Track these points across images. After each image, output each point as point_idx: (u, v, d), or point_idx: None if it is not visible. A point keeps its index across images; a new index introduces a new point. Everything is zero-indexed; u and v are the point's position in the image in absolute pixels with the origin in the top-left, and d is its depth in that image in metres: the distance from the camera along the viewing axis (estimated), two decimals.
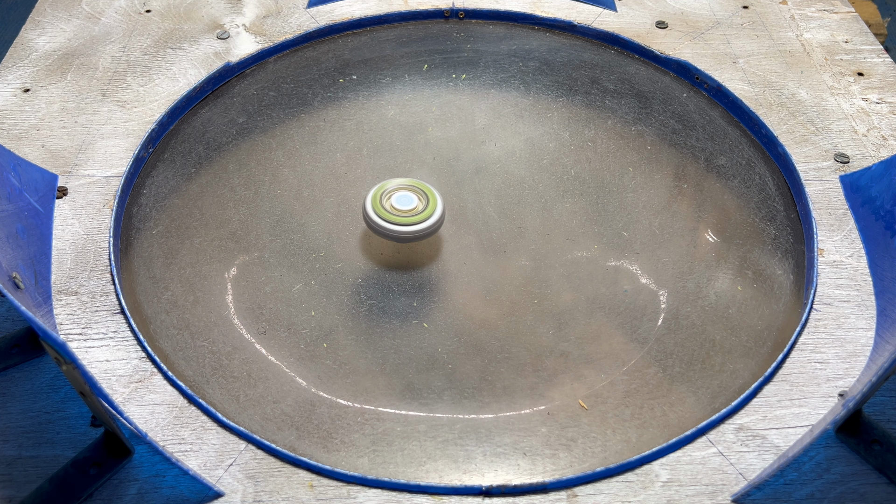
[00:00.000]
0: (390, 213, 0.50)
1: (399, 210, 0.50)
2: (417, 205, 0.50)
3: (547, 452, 0.43)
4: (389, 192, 0.51)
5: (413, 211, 0.50)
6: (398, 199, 0.50)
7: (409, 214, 0.49)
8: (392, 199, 0.50)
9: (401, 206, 0.50)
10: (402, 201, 0.50)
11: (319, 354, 0.48)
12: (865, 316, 0.49)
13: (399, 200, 0.50)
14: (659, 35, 0.70)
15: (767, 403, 0.44)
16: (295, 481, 0.41)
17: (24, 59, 0.66)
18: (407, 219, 0.49)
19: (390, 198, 0.50)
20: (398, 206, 0.50)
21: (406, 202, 0.50)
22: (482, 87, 0.67)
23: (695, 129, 0.63)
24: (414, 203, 0.50)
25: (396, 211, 0.50)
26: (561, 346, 0.49)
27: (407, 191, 0.51)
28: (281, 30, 0.70)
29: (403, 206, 0.50)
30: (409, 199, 0.50)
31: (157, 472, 0.40)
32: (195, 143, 0.61)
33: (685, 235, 0.56)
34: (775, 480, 0.40)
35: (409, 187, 0.51)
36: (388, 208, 0.50)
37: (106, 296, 0.49)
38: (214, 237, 0.55)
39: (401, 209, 0.50)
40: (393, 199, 0.50)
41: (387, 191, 0.51)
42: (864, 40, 0.70)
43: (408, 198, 0.50)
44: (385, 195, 0.50)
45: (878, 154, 0.59)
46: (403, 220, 0.50)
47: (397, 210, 0.50)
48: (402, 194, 0.51)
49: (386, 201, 0.50)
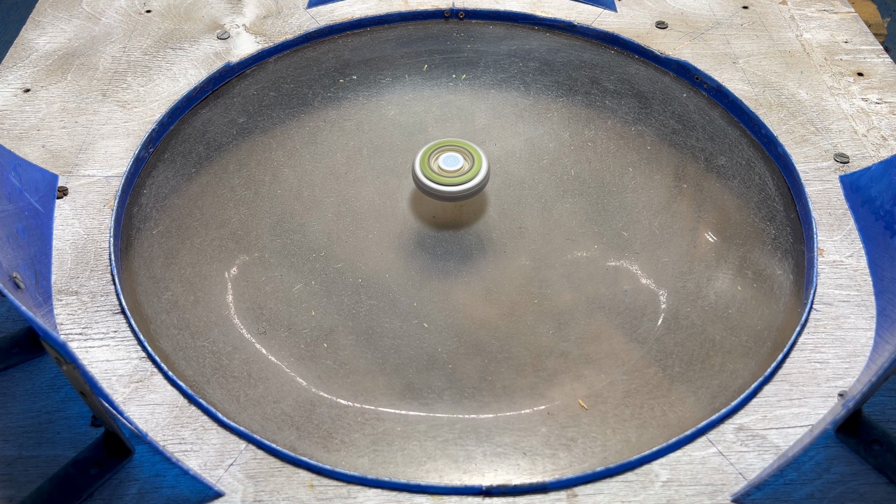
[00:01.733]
0: (437, 174, 0.53)
1: (446, 171, 0.53)
2: (463, 164, 0.54)
3: (547, 452, 0.43)
4: (437, 153, 0.55)
5: (459, 171, 0.53)
6: (445, 160, 0.54)
7: (456, 175, 0.53)
8: (439, 160, 0.54)
9: (447, 167, 0.53)
10: (449, 162, 0.54)
11: (319, 354, 0.48)
12: (865, 316, 0.49)
13: (446, 161, 0.54)
14: (659, 35, 0.70)
15: (767, 403, 0.44)
16: (295, 481, 0.41)
17: (24, 59, 0.66)
18: (453, 179, 0.53)
19: (437, 159, 0.54)
20: (445, 166, 0.53)
21: (452, 163, 0.54)
22: (482, 88, 0.67)
23: (695, 129, 0.63)
24: (460, 163, 0.54)
25: (444, 172, 0.53)
26: (561, 346, 0.49)
27: (453, 151, 0.55)
28: (281, 30, 0.70)
29: (450, 167, 0.53)
30: (455, 159, 0.54)
31: (158, 472, 0.40)
32: (195, 143, 0.61)
33: (685, 235, 0.56)
34: (775, 480, 0.40)
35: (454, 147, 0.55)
36: (435, 169, 0.53)
37: (106, 296, 0.49)
38: (215, 237, 0.55)
39: (448, 170, 0.53)
40: (440, 160, 0.54)
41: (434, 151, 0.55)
42: (863, 40, 0.70)
43: (454, 158, 0.54)
44: (433, 156, 0.54)
45: (878, 154, 0.59)
46: (450, 180, 0.53)
47: (444, 171, 0.53)
48: (449, 155, 0.54)
49: (434, 162, 0.54)
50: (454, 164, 0.53)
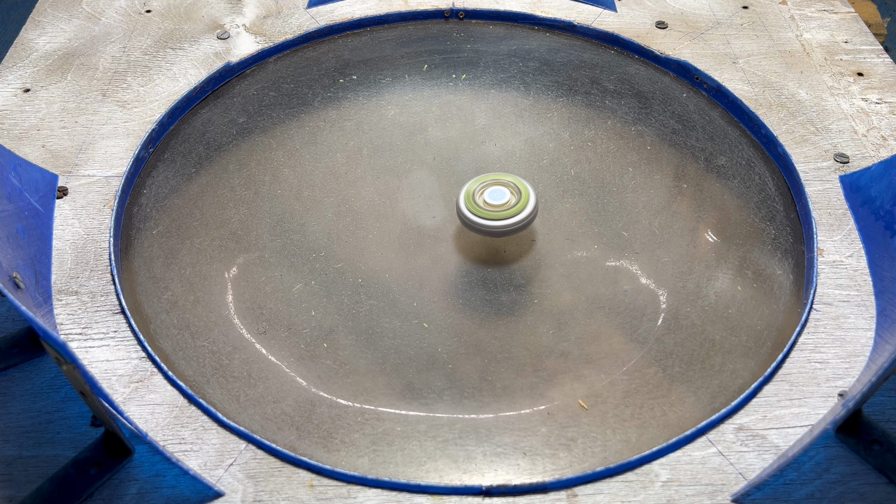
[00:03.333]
0: (483, 208, 0.51)
1: (492, 205, 0.51)
2: (510, 198, 0.51)
3: (547, 452, 0.43)
4: (481, 189, 0.52)
5: (506, 205, 0.51)
6: (490, 195, 0.51)
7: (503, 209, 0.51)
8: (484, 194, 0.51)
9: (493, 201, 0.51)
10: (495, 196, 0.51)
11: (319, 354, 0.48)
12: (865, 316, 0.49)
13: (491, 196, 0.51)
14: (659, 35, 0.70)
15: (767, 403, 0.44)
16: (295, 481, 0.41)
17: (24, 59, 0.66)
18: (501, 213, 0.51)
19: (482, 193, 0.52)
20: (491, 200, 0.51)
21: (498, 197, 0.51)
22: (482, 87, 0.67)
23: (695, 129, 0.63)
24: (506, 197, 0.51)
25: (489, 206, 0.51)
26: (561, 346, 0.49)
27: (498, 185, 0.52)
28: (281, 30, 0.70)
29: (496, 201, 0.51)
30: (500, 193, 0.52)
31: (158, 472, 0.40)
32: (195, 143, 0.61)
33: (685, 235, 0.56)
34: (775, 480, 0.40)
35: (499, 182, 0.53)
36: (480, 204, 0.51)
37: (106, 296, 0.49)
38: (214, 237, 0.55)
39: (494, 204, 0.51)
40: (486, 195, 0.51)
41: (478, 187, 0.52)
42: (863, 40, 0.70)
43: (500, 192, 0.52)
44: (477, 191, 0.52)
45: (878, 154, 0.59)
46: (497, 214, 0.51)
47: (490, 205, 0.51)
48: (494, 189, 0.52)
49: (479, 197, 0.51)
50: (500, 199, 0.51)
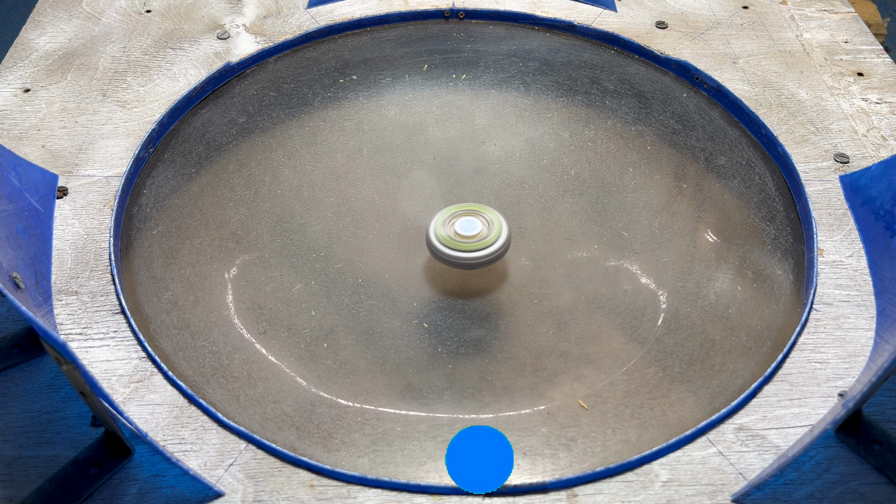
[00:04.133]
0: (454, 239, 0.49)
1: (463, 237, 0.49)
2: (482, 230, 0.49)
3: (547, 452, 0.43)
4: (451, 219, 0.50)
5: (478, 236, 0.49)
6: (461, 226, 0.49)
7: (475, 240, 0.49)
8: (455, 225, 0.49)
9: (464, 233, 0.49)
10: (466, 227, 0.49)
11: (319, 354, 0.48)
12: (865, 316, 0.49)
13: (462, 226, 0.49)
14: (659, 35, 0.70)
15: (767, 403, 0.44)
16: (295, 481, 0.41)
17: (24, 59, 0.66)
18: (472, 244, 0.49)
19: (453, 224, 0.49)
20: (462, 232, 0.49)
21: (470, 228, 0.49)
22: (482, 87, 0.67)
23: (695, 129, 0.63)
24: (478, 228, 0.49)
25: (460, 237, 0.49)
26: (561, 346, 0.49)
27: (470, 216, 0.50)
28: (281, 30, 0.70)
29: (467, 232, 0.49)
30: (472, 224, 0.49)
31: (158, 472, 0.40)
32: (195, 143, 0.61)
33: (685, 235, 0.56)
34: (775, 480, 0.40)
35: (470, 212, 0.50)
36: (451, 235, 0.49)
37: (106, 296, 0.49)
38: (214, 237, 0.55)
39: (465, 235, 0.49)
40: (456, 226, 0.49)
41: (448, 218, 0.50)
42: (863, 40, 0.70)
43: (471, 223, 0.49)
44: (447, 222, 0.50)
45: (878, 154, 0.59)
46: (468, 246, 0.49)
47: (461, 237, 0.49)
48: (466, 220, 0.50)
49: (449, 228, 0.49)
50: (472, 230, 0.49)
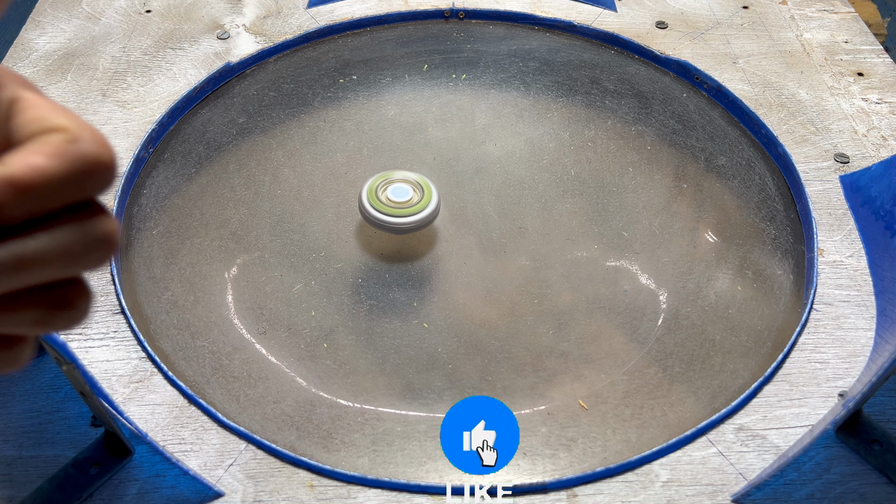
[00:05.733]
0: (385, 204, 0.51)
1: (394, 202, 0.51)
2: (413, 196, 0.52)
3: (547, 452, 0.43)
4: (385, 185, 0.52)
5: (408, 202, 0.51)
6: (393, 191, 0.52)
7: (405, 206, 0.51)
8: (387, 190, 0.52)
9: (396, 198, 0.51)
10: (398, 193, 0.52)
11: (319, 354, 0.48)
12: (865, 316, 0.49)
13: (394, 192, 0.52)
14: (659, 35, 0.70)
15: (767, 403, 0.44)
16: (295, 481, 0.41)
17: (24, 59, 0.66)
18: (402, 210, 0.51)
19: (385, 190, 0.52)
20: (393, 197, 0.51)
21: (401, 194, 0.52)
22: (482, 87, 0.67)
23: (695, 129, 0.63)
24: (409, 195, 0.52)
25: (392, 203, 0.51)
26: (561, 346, 0.49)
27: (402, 183, 0.53)
28: (281, 30, 0.70)
29: (399, 198, 0.51)
30: (404, 191, 0.52)
31: (158, 472, 0.40)
32: (195, 143, 0.61)
33: (685, 235, 0.56)
34: (775, 480, 0.40)
35: (404, 180, 0.53)
36: (383, 200, 0.51)
37: (106, 296, 0.49)
38: (214, 237, 0.55)
39: (396, 201, 0.51)
40: (388, 191, 0.52)
41: (382, 183, 0.53)
42: (864, 40, 0.70)
43: (403, 190, 0.52)
44: (381, 187, 0.52)
45: (878, 154, 0.59)
46: (398, 211, 0.51)
47: (392, 202, 0.51)
48: (398, 186, 0.52)
49: (382, 193, 0.52)
50: (403, 196, 0.52)
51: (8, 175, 0.18)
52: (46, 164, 0.18)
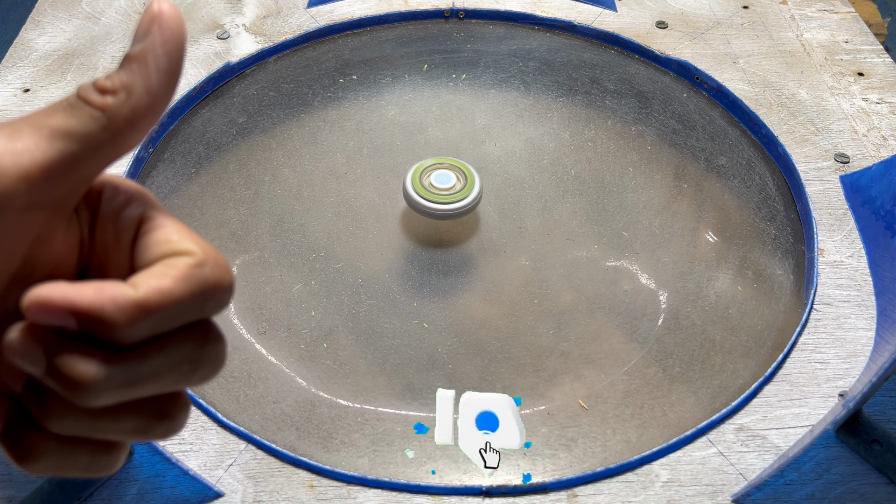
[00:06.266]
0: (429, 191, 0.52)
1: (438, 188, 0.52)
2: (456, 183, 0.53)
3: (547, 452, 0.43)
4: (429, 171, 0.54)
5: (452, 189, 0.52)
6: (437, 178, 0.53)
7: (449, 193, 0.52)
8: (431, 177, 0.53)
9: (440, 185, 0.53)
10: (441, 180, 0.53)
11: (319, 354, 0.48)
12: (865, 316, 0.49)
13: (438, 179, 0.53)
14: (659, 35, 0.70)
15: (767, 403, 0.44)
16: (295, 481, 0.41)
17: (24, 59, 0.66)
18: (446, 197, 0.52)
19: (429, 176, 0.53)
20: (437, 184, 0.53)
21: (444, 181, 0.53)
22: (482, 87, 0.67)
23: (695, 129, 0.63)
24: (452, 181, 0.53)
25: (435, 189, 0.52)
26: (561, 346, 0.49)
27: (445, 169, 0.54)
28: (281, 30, 0.70)
29: (442, 185, 0.53)
30: (447, 177, 0.53)
31: (157, 472, 0.40)
32: (195, 143, 0.61)
33: (685, 235, 0.56)
34: (775, 480, 0.40)
35: (447, 166, 0.54)
36: (426, 186, 0.52)
37: None
38: (214, 237, 0.55)
39: (440, 188, 0.52)
40: (432, 178, 0.53)
41: (426, 169, 0.54)
42: (864, 40, 0.70)
43: (446, 176, 0.53)
44: (424, 173, 0.53)
45: (879, 154, 0.59)
46: (443, 198, 0.52)
47: (436, 188, 0.52)
48: (441, 173, 0.53)
49: (425, 179, 0.53)
50: (447, 182, 0.53)
51: (138, 298, 0.18)
52: (174, 288, 0.19)
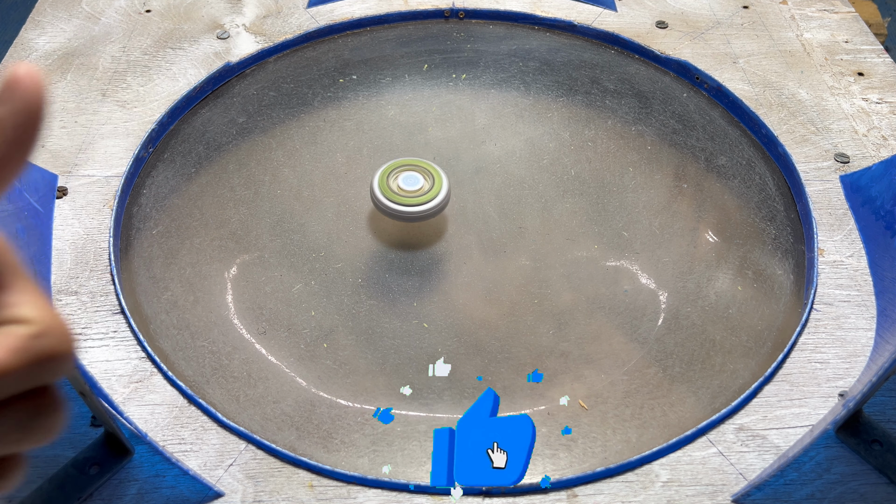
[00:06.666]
0: (397, 193, 0.51)
1: (405, 191, 0.52)
2: (423, 185, 0.52)
3: (547, 452, 0.43)
4: (396, 173, 0.53)
5: (419, 191, 0.52)
6: (404, 180, 0.52)
7: (416, 195, 0.51)
8: (399, 179, 0.52)
9: (407, 187, 0.52)
10: (409, 182, 0.52)
11: (319, 354, 0.48)
12: (865, 316, 0.49)
13: (405, 181, 0.52)
14: (659, 35, 0.70)
15: (767, 403, 0.44)
16: (295, 481, 0.41)
17: (24, 59, 0.66)
18: (413, 199, 0.51)
19: (397, 178, 0.52)
20: (405, 186, 0.52)
21: (412, 183, 0.52)
22: (482, 87, 0.67)
23: (695, 129, 0.63)
24: (420, 183, 0.52)
25: (403, 192, 0.52)
26: (561, 346, 0.49)
27: (413, 171, 0.53)
28: (281, 30, 0.70)
29: (410, 187, 0.52)
30: (415, 179, 0.52)
31: (157, 472, 0.40)
32: (195, 143, 0.61)
33: (685, 235, 0.56)
34: (775, 480, 0.40)
35: (414, 167, 0.53)
36: (394, 189, 0.52)
37: (106, 296, 0.49)
38: (214, 237, 0.55)
39: (407, 190, 0.52)
40: (399, 180, 0.52)
41: (393, 171, 0.53)
42: (864, 40, 0.70)
43: (414, 178, 0.52)
44: (392, 175, 0.52)
45: (878, 154, 0.59)
46: (409, 200, 0.51)
47: (403, 191, 0.52)
48: (409, 175, 0.52)
49: (393, 182, 0.52)
50: (414, 185, 0.52)
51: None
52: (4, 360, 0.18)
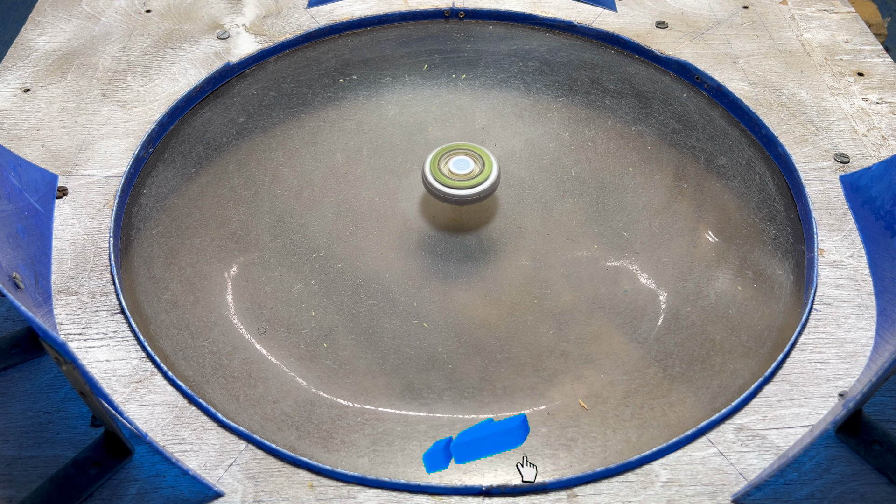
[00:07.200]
0: (448, 177, 0.53)
1: (456, 174, 0.53)
2: (474, 168, 0.53)
3: (547, 452, 0.43)
4: (447, 157, 0.54)
5: (470, 174, 0.53)
6: (455, 164, 0.54)
7: (467, 178, 0.53)
8: (449, 163, 0.54)
9: (458, 171, 0.53)
10: (459, 166, 0.53)
11: (319, 354, 0.48)
12: (865, 316, 0.49)
13: (456, 165, 0.53)
14: (659, 35, 0.70)
15: (767, 403, 0.44)
16: (295, 481, 0.41)
17: (24, 59, 0.66)
18: (465, 182, 0.53)
19: (448, 162, 0.54)
20: (455, 170, 0.53)
21: (463, 167, 0.53)
22: (482, 87, 0.67)
23: (695, 129, 0.63)
24: (470, 167, 0.53)
25: (454, 175, 0.53)
26: (561, 346, 0.49)
27: (463, 155, 0.54)
28: (281, 30, 0.70)
29: (460, 171, 0.53)
30: (465, 163, 0.54)
31: (158, 472, 0.40)
32: (195, 143, 0.61)
33: (685, 235, 0.56)
34: (775, 480, 0.40)
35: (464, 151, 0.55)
36: (445, 173, 0.53)
37: (106, 296, 0.49)
38: (214, 237, 0.55)
39: (458, 173, 0.53)
40: (450, 164, 0.53)
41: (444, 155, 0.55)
42: (864, 40, 0.70)
43: (464, 162, 0.54)
44: (443, 160, 0.54)
45: (878, 154, 0.59)
46: (461, 183, 0.53)
47: (455, 174, 0.53)
48: (459, 159, 0.54)
49: (444, 166, 0.53)
50: (464, 168, 0.53)
51: None
52: None
